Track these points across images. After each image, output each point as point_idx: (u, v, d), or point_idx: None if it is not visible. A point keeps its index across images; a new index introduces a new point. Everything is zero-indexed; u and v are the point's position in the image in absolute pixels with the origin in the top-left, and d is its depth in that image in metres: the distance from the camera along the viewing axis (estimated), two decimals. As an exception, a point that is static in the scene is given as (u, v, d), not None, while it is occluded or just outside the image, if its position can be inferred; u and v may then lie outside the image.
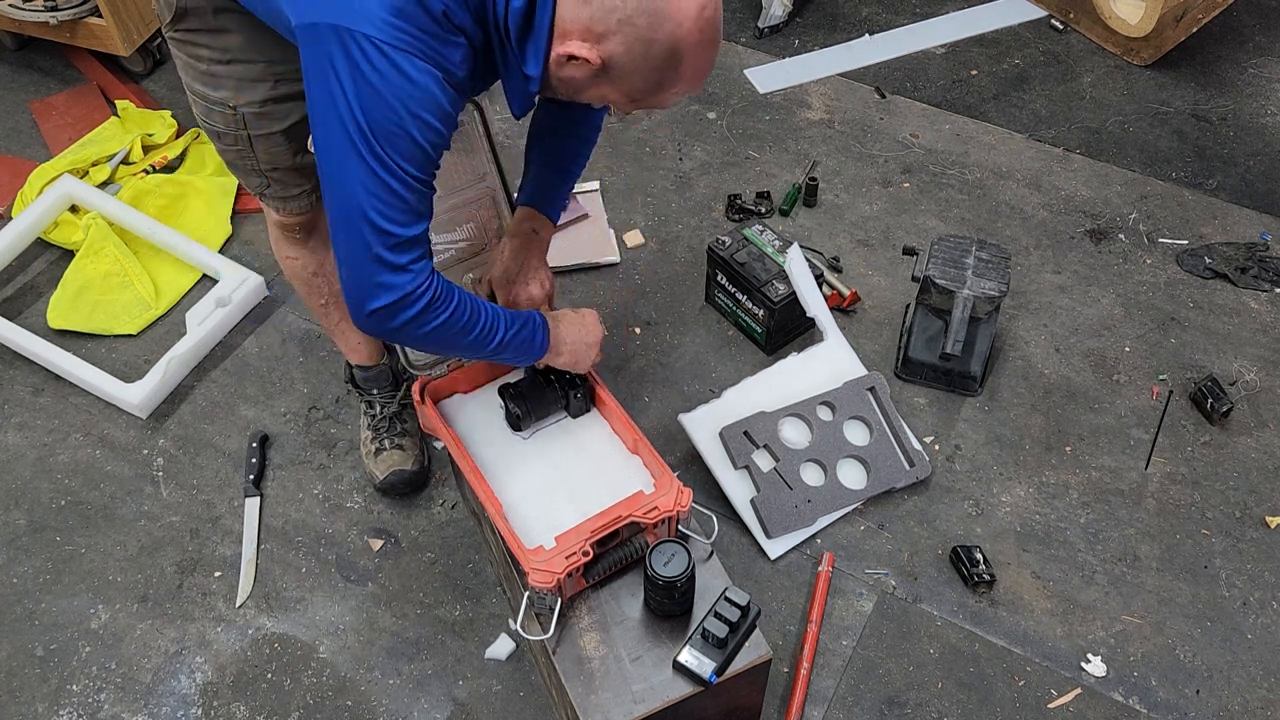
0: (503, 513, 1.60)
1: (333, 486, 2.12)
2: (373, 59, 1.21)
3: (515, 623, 1.55)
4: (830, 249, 2.50)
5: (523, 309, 1.65)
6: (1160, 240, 2.52)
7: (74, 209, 2.51)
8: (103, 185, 2.57)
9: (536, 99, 1.40)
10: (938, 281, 2.14)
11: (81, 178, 2.57)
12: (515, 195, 1.77)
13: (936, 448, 2.16)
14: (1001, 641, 1.91)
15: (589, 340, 1.66)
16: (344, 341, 2.01)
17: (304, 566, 2.02)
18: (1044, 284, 2.44)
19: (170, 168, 2.68)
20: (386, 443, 2.05)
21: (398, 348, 1.79)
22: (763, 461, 2.05)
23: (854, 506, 2.06)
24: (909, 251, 2.47)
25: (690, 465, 2.11)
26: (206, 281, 2.46)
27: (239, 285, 2.38)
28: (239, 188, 2.60)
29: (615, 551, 1.60)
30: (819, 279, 2.26)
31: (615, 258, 2.48)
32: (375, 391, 2.08)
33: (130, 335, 2.37)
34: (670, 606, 1.57)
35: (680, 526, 1.61)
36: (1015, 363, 2.29)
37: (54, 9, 2.71)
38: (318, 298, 1.88)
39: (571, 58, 1.26)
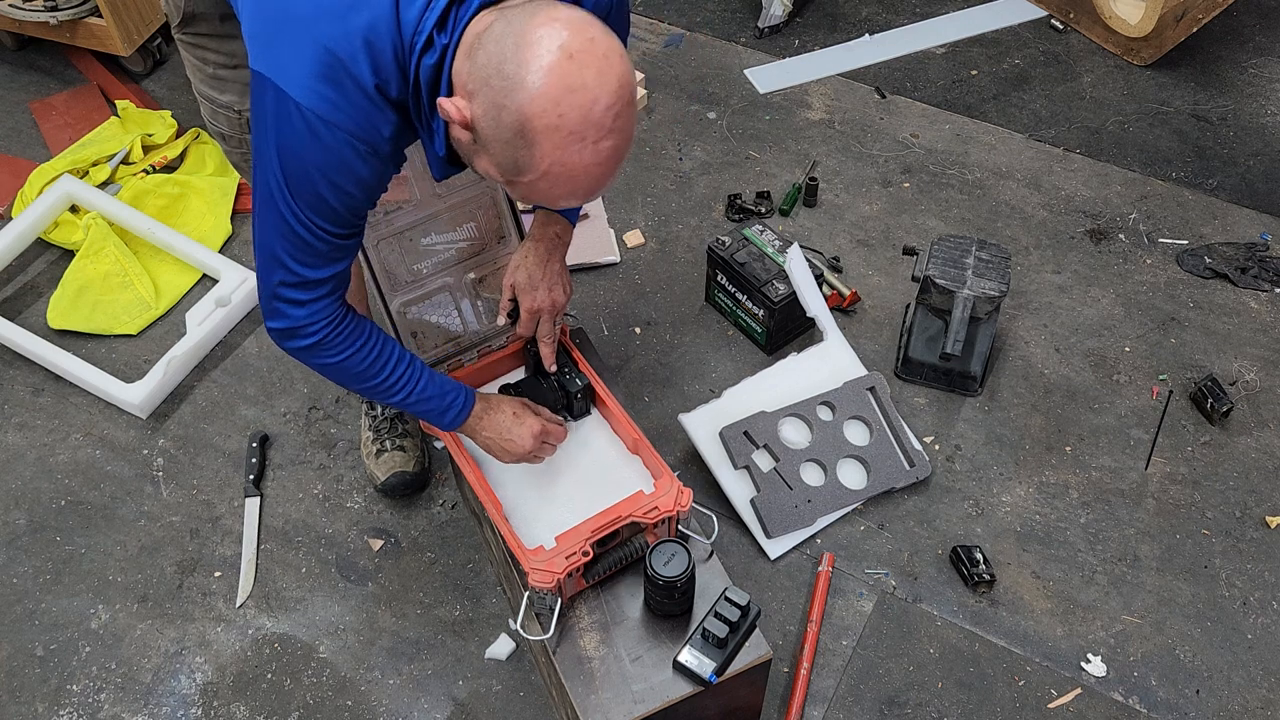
0: (503, 513, 1.60)
1: (333, 486, 2.12)
2: (294, 122, 1.22)
3: (515, 623, 1.55)
4: (830, 249, 2.50)
5: (545, 314, 1.66)
6: (1160, 240, 2.52)
7: (74, 209, 2.51)
8: (103, 185, 2.57)
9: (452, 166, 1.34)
10: (938, 281, 2.14)
11: (81, 178, 2.57)
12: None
13: (936, 448, 2.16)
14: (1001, 641, 1.91)
15: (509, 449, 1.63)
16: (344, 342, 2.01)
17: (304, 566, 2.02)
18: (1044, 284, 2.44)
19: (170, 168, 2.67)
20: (388, 444, 2.05)
21: None
22: (763, 461, 2.05)
23: (854, 506, 2.06)
24: (909, 251, 2.47)
25: (690, 465, 2.11)
26: (206, 281, 2.46)
27: (239, 285, 2.38)
28: (239, 187, 2.60)
29: (615, 551, 1.60)
30: (819, 279, 2.26)
31: (615, 258, 2.48)
32: (375, 392, 2.08)
33: (130, 335, 2.36)
34: (670, 606, 1.57)
35: (680, 526, 1.61)
36: (1015, 363, 2.29)
37: (54, 9, 2.71)
38: None
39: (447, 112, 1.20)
